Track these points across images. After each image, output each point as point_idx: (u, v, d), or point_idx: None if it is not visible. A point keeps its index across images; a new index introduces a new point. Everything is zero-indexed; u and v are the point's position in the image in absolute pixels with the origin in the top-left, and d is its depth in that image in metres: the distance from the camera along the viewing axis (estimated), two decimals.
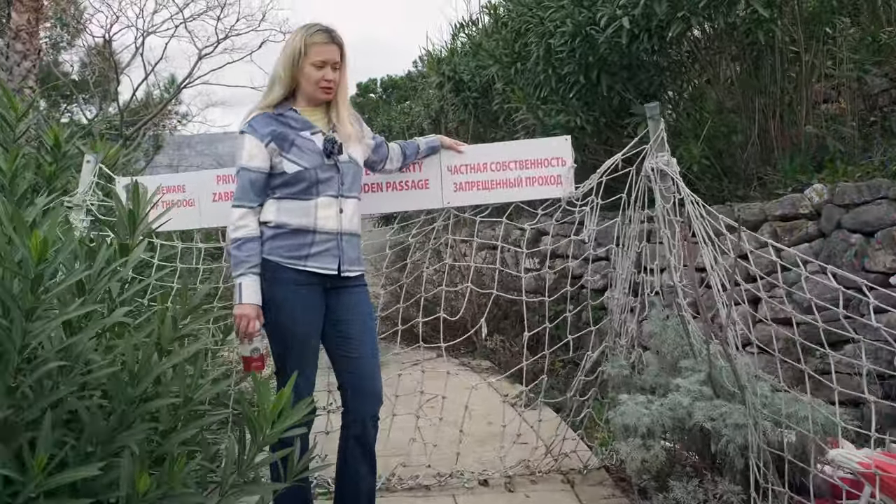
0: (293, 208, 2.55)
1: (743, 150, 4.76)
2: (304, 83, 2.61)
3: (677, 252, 2.95)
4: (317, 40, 2.58)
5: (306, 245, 2.54)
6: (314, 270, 2.55)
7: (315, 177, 2.55)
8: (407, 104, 16.48)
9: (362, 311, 2.68)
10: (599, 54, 4.82)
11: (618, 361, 3.01)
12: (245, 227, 2.55)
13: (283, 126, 2.59)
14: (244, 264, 2.52)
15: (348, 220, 2.62)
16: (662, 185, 2.92)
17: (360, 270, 2.69)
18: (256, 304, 2.50)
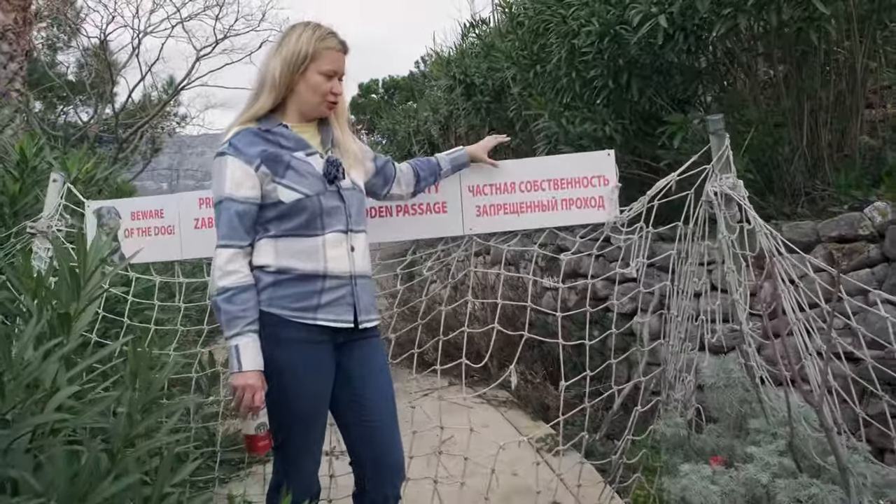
0: (297, 248, 2.09)
1: (789, 163, 4.30)
2: (305, 93, 2.17)
3: (744, 291, 2.50)
4: (330, 45, 2.18)
5: (315, 293, 2.08)
6: (326, 324, 2.09)
7: (318, 207, 2.10)
8: (410, 104, 16.08)
9: (378, 365, 2.24)
10: (630, 56, 4.36)
11: (672, 419, 2.55)
12: (236, 274, 2.05)
13: (272, 145, 2.13)
14: (239, 321, 2.01)
15: (360, 260, 2.19)
16: (727, 212, 2.47)
17: (376, 319, 2.25)
18: (260, 369, 2.02)
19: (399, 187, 2.53)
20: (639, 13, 4.04)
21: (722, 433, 2.55)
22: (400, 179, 2.53)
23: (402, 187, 2.54)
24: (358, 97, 28.96)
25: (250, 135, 2.13)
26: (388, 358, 2.36)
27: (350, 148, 2.25)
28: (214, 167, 2.12)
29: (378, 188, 2.49)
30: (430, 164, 2.60)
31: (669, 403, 2.64)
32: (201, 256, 2.81)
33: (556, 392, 4.71)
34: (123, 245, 2.84)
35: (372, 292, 2.24)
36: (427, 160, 2.61)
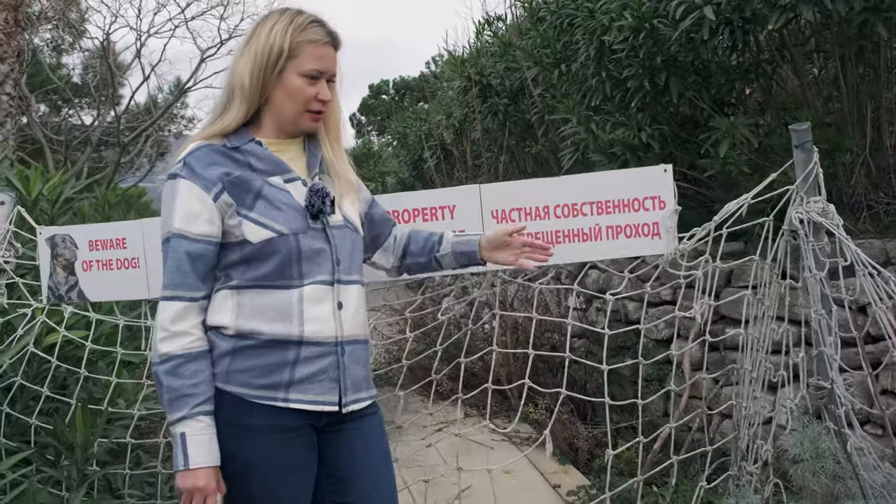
0: (264, 304, 1.58)
1: (849, 173, 3.81)
2: (283, 101, 1.64)
3: (835, 341, 2.02)
4: (314, 38, 1.63)
5: (287, 365, 1.57)
6: (300, 407, 1.57)
7: (295, 249, 1.58)
8: (421, 105, 15.63)
9: (376, 457, 1.70)
10: (668, 54, 3.89)
11: (746, 497, 2.08)
12: (185, 337, 1.55)
13: (240, 167, 1.62)
14: (187, 400, 1.52)
15: (351, 320, 1.64)
16: (816, 244, 1.99)
17: (369, 398, 1.70)
18: (214, 465, 1.52)
19: (385, 256, 1.95)
20: (681, 4, 3.57)
21: None
22: (388, 247, 1.94)
23: (389, 258, 1.95)
24: (369, 98, 28.66)
25: (212, 153, 1.62)
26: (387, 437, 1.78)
27: (344, 173, 1.72)
28: (164, 193, 1.62)
29: (364, 246, 1.86)
30: (427, 241, 1.91)
31: (742, 477, 2.16)
32: None
33: (587, 430, 4.23)
34: (81, 280, 2.39)
35: (366, 362, 1.70)
36: (428, 234, 1.93)
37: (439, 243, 1.88)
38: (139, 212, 13.74)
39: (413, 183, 9.41)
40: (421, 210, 2.36)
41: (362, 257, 1.77)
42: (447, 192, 2.39)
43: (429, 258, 1.88)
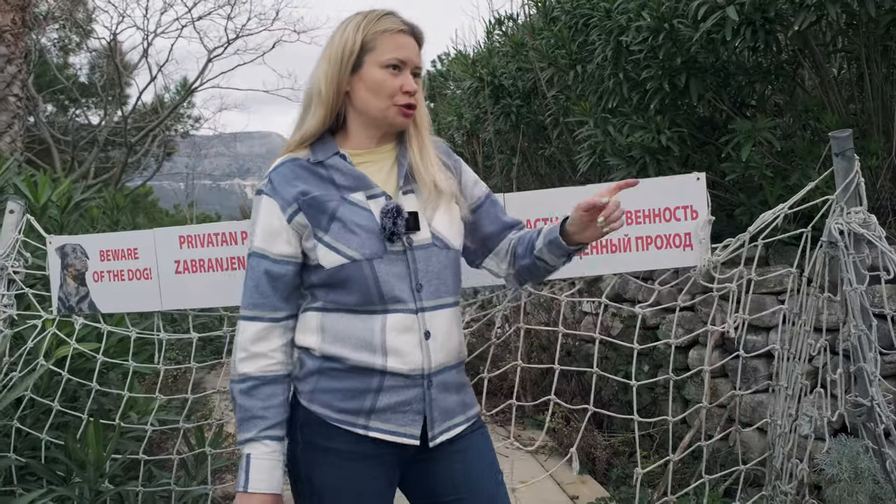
0: (348, 331, 1.49)
1: (875, 177, 3.72)
2: (368, 99, 1.53)
3: (874, 356, 1.94)
4: (388, 26, 1.53)
5: (370, 392, 1.49)
6: (380, 437, 1.49)
7: (371, 276, 1.47)
8: (428, 104, 15.56)
9: (481, 475, 1.57)
10: (688, 55, 3.80)
11: None
12: (263, 359, 1.50)
13: (321, 184, 1.53)
14: (257, 423, 1.47)
15: (440, 348, 1.52)
16: (857, 257, 1.91)
17: (465, 421, 1.58)
18: (273, 493, 1.46)
19: (496, 262, 1.74)
20: (703, 4, 3.48)
21: None
22: (500, 252, 1.73)
23: (501, 264, 1.74)
24: None
25: (296, 168, 1.54)
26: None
27: (431, 179, 1.55)
28: (252, 207, 1.58)
29: (473, 244, 1.72)
30: (530, 240, 1.67)
31: (776, 497, 2.08)
32: (184, 308, 2.28)
33: (604, 438, 4.15)
34: (92, 291, 2.32)
35: (460, 385, 1.58)
36: (536, 231, 1.68)
37: (538, 237, 1.62)
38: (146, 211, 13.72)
39: None
40: None
41: (457, 274, 1.61)
42: None
43: (532, 259, 1.64)
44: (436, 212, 1.55)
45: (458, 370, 1.59)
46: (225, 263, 2.21)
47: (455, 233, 1.59)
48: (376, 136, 1.58)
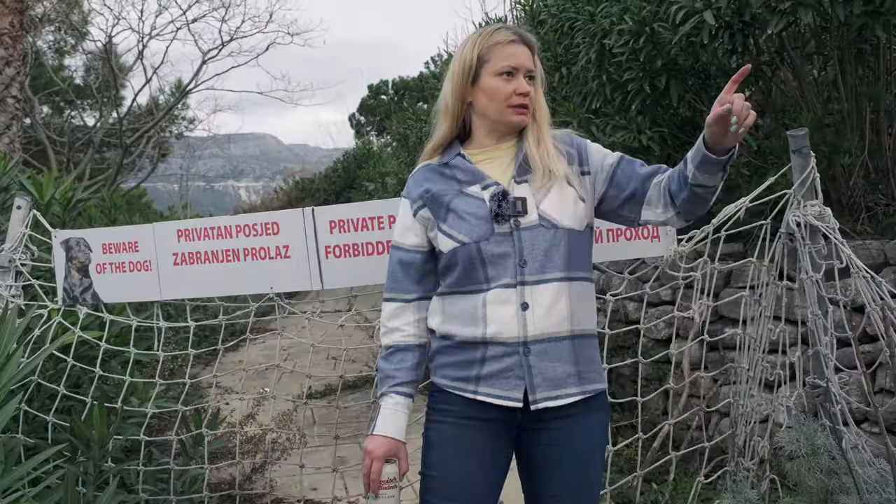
0: (458, 309, 1.73)
1: (848, 174, 3.86)
2: (487, 105, 1.75)
3: (830, 341, 2.08)
4: (499, 39, 1.74)
5: (476, 362, 1.70)
6: (488, 401, 1.69)
7: (477, 256, 1.69)
8: (420, 106, 15.63)
9: (568, 458, 1.71)
10: (669, 57, 3.94)
11: (743, 492, 2.13)
12: (397, 333, 1.80)
13: (445, 181, 1.78)
14: (388, 381, 1.76)
15: (541, 319, 1.66)
16: (812, 247, 2.05)
17: (579, 393, 1.70)
18: (391, 437, 1.71)
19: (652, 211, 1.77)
20: (682, 9, 3.63)
21: None
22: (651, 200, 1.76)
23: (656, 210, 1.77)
24: (368, 98, 28.65)
25: (427, 171, 1.83)
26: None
27: (544, 164, 1.71)
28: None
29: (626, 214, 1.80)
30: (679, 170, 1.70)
31: (739, 473, 2.22)
32: (183, 297, 2.41)
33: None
34: (95, 282, 2.45)
35: (577, 358, 1.70)
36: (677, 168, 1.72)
37: (686, 167, 1.65)
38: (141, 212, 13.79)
39: None
40: None
41: (572, 251, 1.71)
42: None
43: (689, 189, 1.65)
44: (547, 195, 1.71)
45: (573, 342, 1.70)
46: (220, 256, 2.35)
47: (567, 213, 1.71)
48: (497, 135, 1.79)
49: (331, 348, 3.31)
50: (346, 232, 2.31)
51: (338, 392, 3.12)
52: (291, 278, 2.33)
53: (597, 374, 1.76)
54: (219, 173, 74.95)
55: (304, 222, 2.34)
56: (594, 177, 1.79)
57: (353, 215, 2.33)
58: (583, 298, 1.73)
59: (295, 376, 5.35)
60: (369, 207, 2.40)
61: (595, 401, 1.74)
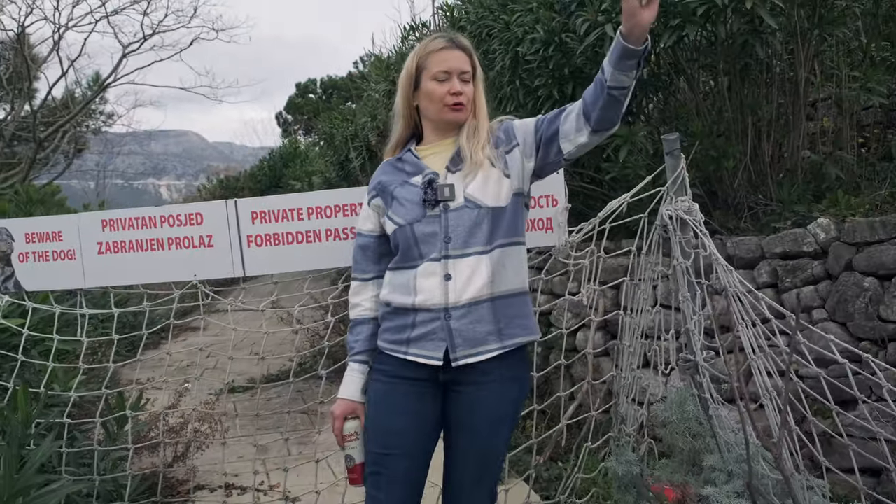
0: (398, 282, 2.01)
1: (733, 177, 4.24)
2: (428, 106, 2.03)
3: (698, 320, 2.36)
4: (434, 47, 2.03)
5: (407, 327, 1.98)
6: (415, 360, 1.96)
7: (411, 236, 1.97)
8: (347, 105, 15.69)
9: (480, 419, 1.96)
10: (575, 65, 4.24)
11: (625, 455, 2.40)
12: (357, 307, 2.12)
13: (395, 173, 2.08)
14: (350, 350, 2.11)
15: (462, 288, 1.91)
16: (682, 237, 2.33)
17: (498, 347, 1.93)
18: (349, 398, 2.05)
19: (572, 140, 1.94)
20: (585, 21, 3.92)
21: (676, 469, 2.41)
22: (567, 131, 1.94)
23: (575, 136, 1.93)
24: (296, 97, 28.44)
25: (385, 166, 2.13)
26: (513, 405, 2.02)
27: (471, 155, 1.96)
28: None
29: (549, 154, 1.98)
30: (595, 81, 1.88)
31: (621, 438, 2.49)
32: (108, 285, 2.52)
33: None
34: (18, 271, 2.52)
35: (497, 317, 1.93)
36: (594, 84, 1.90)
37: (603, 73, 1.84)
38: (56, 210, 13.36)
39: (339, 183, 9.56)
40: (342, 206, 2.60)
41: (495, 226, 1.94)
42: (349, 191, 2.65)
43: (606, 94, 1.83)
44: (473, 180, 1.95)
45: (493, 304, 1.93)
46: (145, 245, 2.48)
47: (491, 193, 1.95)
48: (441, 132, 2.05)
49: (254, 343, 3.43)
50: (267, 222, 2.49)
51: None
52: (215, 266, 2.48)
53: (520, 328, 1.99)
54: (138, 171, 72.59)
55: (227, 213, 2.50)
56: (524, 144, 2.02)
57: (275, 207, 2.51)
58: (508, 262, 1.98)
59: (216, 372, 5.42)
60: (290, 200, 2.57)
61: (514, 356, 1.97)
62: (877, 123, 4.80)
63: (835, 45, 4.40)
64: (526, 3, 4.54)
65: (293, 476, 3.15)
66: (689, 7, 3.58)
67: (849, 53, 4.47)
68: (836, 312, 3.54)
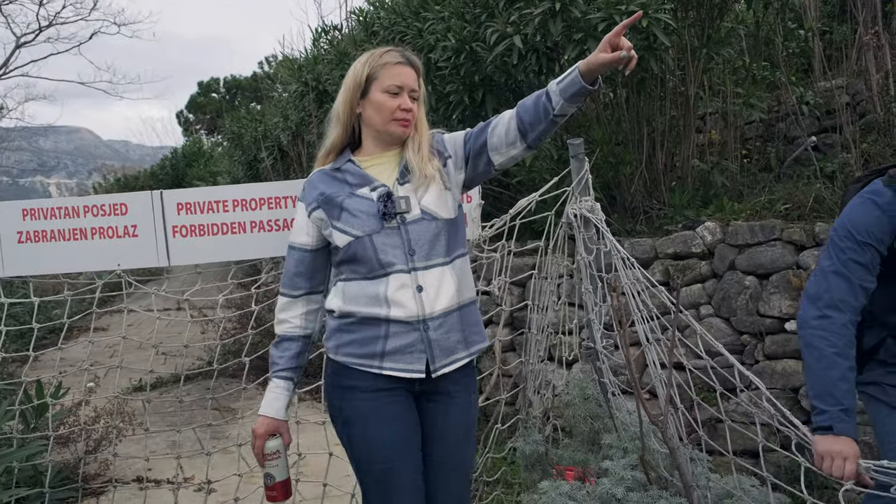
0: (361, 292, 1.92)
1: (630, 183, 4.55)
2: (373, 116, 1.96)
3: (599, 311, 2.58)
4: (388, 60, 1.97)
5: (380, 339, 1.91)
6: (392, 374, 1.90)
7: (371, 247, 1.90)
8: (254, 106, 15.50)
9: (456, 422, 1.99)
10: (485, 73, 4.44)
11: (531, 436, 2.58)
12: (285, 324, 2.04)
13: (337, 185, 1.99)
14: (273, 366, 2.02)
15: (433, 299, 1.91)
16: (586, 234, 2.54)
17: (467, 356, 1.97)
18: (272, 416, 1.99)
19: (502, 153, 1.99)
20: (495, 32, 4.12)
21: (577, 448, 2.61)
22: (497, 144, 1.99)
23: (506, 149, 1.99)
24: (198, 95, 27.68)
25: (321, 175, 2.03)
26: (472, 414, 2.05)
27: (420, 168, 1.95)
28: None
29: (478, 165, 2.02)
30: (537, 105, 1.94)
31: (529, 420, 2.68)
32: (28, 274, 2.50)
33: None
34: None
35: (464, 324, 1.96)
36: (535, 97, 1.96)
37: (549, 101, 1.91)
38: None
39: (248, 182, 9.47)
40: (258, 200, 2.68)
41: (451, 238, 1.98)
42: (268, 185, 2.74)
43: (548, 120, 1.92)
44: (426, 193, 1.95)
45: (460, 312, 1.95)
46: (67, 234, 2.48)
47: (443, 206, 1.97)
48: (382, 144, 2.01)
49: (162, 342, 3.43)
50: (192, 213, 2.54)
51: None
52: (139, 255, 2.52)
53: (478, 334, 2.04)
54: (26, 168, 68.60)
55: (153, 204, 2.54)
56: (455, 157, 2.05)
57: (200, 198, 2.56)
58: (464, 272, 2.02)
59: (124, 371, 5.32)
60: (216, 192, 2.63)
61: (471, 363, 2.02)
62: (758, 137, 5.26)
63: (721, 64, 4.80)
64: (438, 12, 4.71)
65: (207, 467, 3.17)
66: (592, 23, 3.84)
67: (733, 72, 4.88)
68: (720, 308, 3.87)
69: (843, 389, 1.88)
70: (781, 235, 3.72)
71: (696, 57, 4.46)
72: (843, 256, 1.95)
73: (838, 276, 1.94)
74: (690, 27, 4.30)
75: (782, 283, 3.67)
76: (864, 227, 1.94)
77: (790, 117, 4.91)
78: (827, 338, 1.92)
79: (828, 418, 1.87)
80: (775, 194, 4.10)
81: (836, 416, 1.86)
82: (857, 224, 1.95)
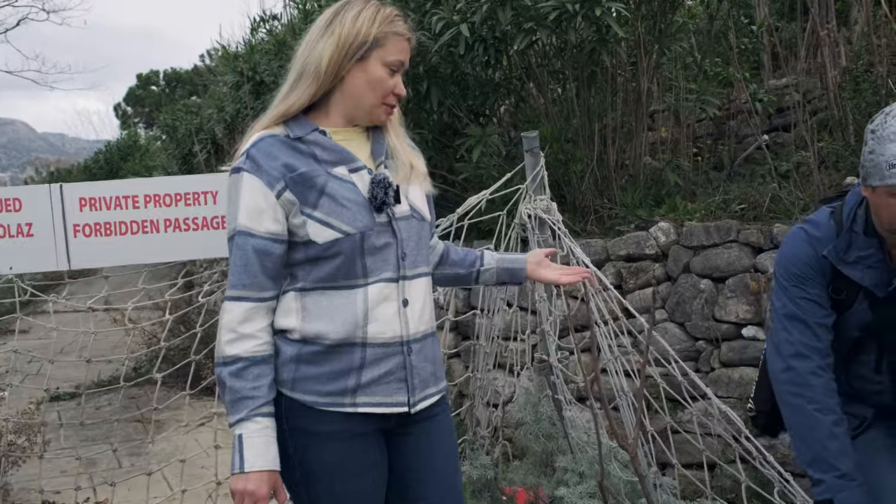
0: (328, 306, 1.51)
1: (580, 181, 4.37)
2: (363, 89, 1.54)
3: (553, 321, 2.37)
4: (400, 31, 1.56)
5: (353, 371, 1.50)
6: (369, 412, 1.52)
7: (359, 248, 1.50)
8: (193, 99, 15.01)
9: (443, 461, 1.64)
10: (430, 64, 4.20)
11: (479, 459, 2.35)
12: (252, 340, 1.49)
13: (304, 159, 1.52)
14: (247, 403, 1.46)
15: (418, 317, 1.56)
16: (540, 236, 2.32)
17: (437, 392, 1.62)
18: (270, 469, 1.46)
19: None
20: (441, 20, 3.89)
21: (529, 471, 2.40)
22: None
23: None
24: (137, 88, 26.86)
25: (276, 143, 1.52)
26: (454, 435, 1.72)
27: (409, 158, 1.63)
28: (228, 187, 1.53)
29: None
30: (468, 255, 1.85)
31: (476, 441, 2.45)
32: None
33: None
34: None
35: (434, 356, 1.61)
36: (464, 249, 1.88)
37: (481, 259, 1.84)
38: None
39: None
40: (184, 195, 2.38)
41: (428, 246, 1.68)
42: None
43: (470, 270, 1.83)
44: (410, 187, 1.60)
45: (434, 340, 1.63)
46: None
47: (426, 207, 1.65)
48: (350, 122, 1.60)
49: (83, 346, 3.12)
50: (97, 210, 2.21)
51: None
52: (35, 258, 2.20)
53: (441, 370, 1.69)
54: None
55: (52, 199, 2.21)
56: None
57: (106, 193, 2.24)
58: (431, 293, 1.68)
59: (38, 378, 4.92)
60: (124, 186, 2.32)
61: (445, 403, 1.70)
62: (709, 135, 5.15)
63: (673, 59, 4.66)
64: None
65: (123, 490, 2.86)
66: (542, 12, 3.64)
67: (685, 67, 4.75)
68: (675, 313, 3.71)
69: (835, 451, 1.67)
70: (738, 237, 3.58)
71: (648, 52, 4.31)
72: (790, 295, 1.75)
73: (794, 321, 1.74)
74: (643, 20, 4.15)
75: (739, 286, 3.52)
76: (801, 262, 1.74)
77: (741, 115, 4.81)
78: (801, 393, 1.72)
79: (826, 489, 1.66)
80: (730, 194, 3.97)
81: (834, 486, 1.65)
82: (793, 260, 1.76)
